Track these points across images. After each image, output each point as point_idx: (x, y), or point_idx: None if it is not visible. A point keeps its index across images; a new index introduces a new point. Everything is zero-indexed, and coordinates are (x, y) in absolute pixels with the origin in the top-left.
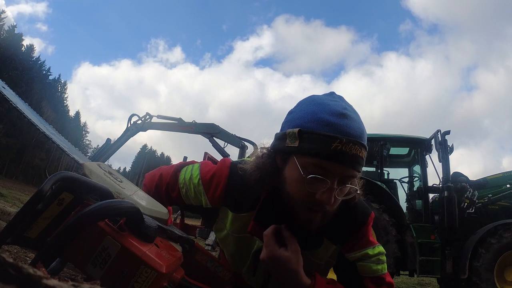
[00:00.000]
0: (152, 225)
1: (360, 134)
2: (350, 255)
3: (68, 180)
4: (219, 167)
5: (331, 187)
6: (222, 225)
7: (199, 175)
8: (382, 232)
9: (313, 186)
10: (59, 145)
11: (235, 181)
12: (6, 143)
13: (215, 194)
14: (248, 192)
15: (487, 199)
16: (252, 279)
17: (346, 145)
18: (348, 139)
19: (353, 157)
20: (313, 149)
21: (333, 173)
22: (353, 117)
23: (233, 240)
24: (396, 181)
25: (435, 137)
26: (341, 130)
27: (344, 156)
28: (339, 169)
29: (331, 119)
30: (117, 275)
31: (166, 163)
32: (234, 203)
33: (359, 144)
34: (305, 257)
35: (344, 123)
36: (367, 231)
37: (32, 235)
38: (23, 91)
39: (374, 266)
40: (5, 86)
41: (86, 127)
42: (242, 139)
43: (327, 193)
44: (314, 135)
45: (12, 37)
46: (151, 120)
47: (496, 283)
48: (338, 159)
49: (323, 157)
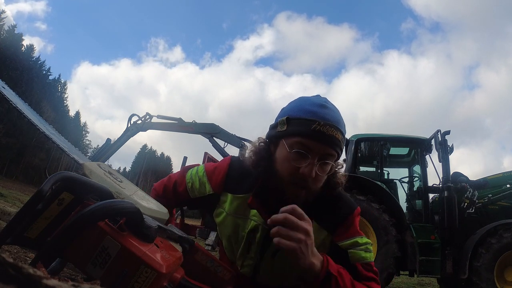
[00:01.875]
0: (152, 225)
1: (337, 120)
2: (341, 243)
3: (68, 180)
4: (221, 162)
5: (312, 162)
6: (222, 209)
7: (203, 169)
8: (382, 232)
9: (297, 161)
10: (59, 145)
11: (235, 168)
12: (6, 143)
13: (217, 180)
14: (246, 176)
15: (487, 199)
16: (244, 265)
17: (323, 126)
18: (325, 122)
19: (330, 137)
20: (297, 130)
21: (313, 150)
22: (331, 108)
23: (230, 221)
24: (396, 181)
25: (435, 137)
26: (320, 116)
27: (322, 135)
28: (318, 146)
29: (313, 108)
30: (117, 275)
31: (166, 163)
32: (234, 186)
33: (335, 128)
34: None
35: (323, 111)
36: (354, 221)
37: (32, 235)
38: (23, 91)
39: (363, 253)
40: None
41: (86, 127)
42: (242, 139)
43: (308, 167)
44: (299, 119)
45: (12, 37)
46: (151, 120)
47: (496, 283)
48: (317, 138)
49: (304, 135)
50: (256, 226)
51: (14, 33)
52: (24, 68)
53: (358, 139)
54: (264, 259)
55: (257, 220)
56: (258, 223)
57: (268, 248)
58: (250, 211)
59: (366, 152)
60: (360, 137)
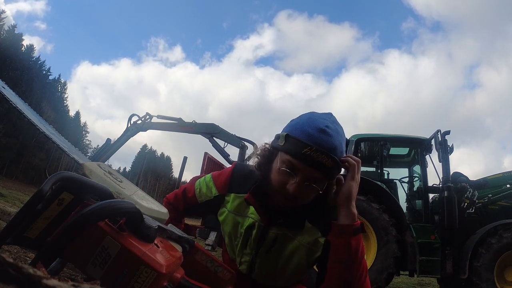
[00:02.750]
0: (152, 225)
1: (332, 148)
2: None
3: (68, 180)
4: (226, 168)
5: (297, 182)
6: (224, 208)
7: (211, 175)
8: (382, 232)
9: (284, 177)
10: (59, 145)
11: (238, 171)
12: (6, 143)
13: (222, 182)
14: (249, 177)
15: (487, 199)
16: (242, 262)
17: (314, 152)
18: (318, 148)
19: (318, 163)
20: (291, 150)
21: (300, 171)
22: (331, 134)
23: (231, 219)
24: (396, 181)
25: (435, 137)
26: (315, 141)
27: (311, 160)
28: (305, 168)
29: (312, 132)
30: (117, 275)
31: (166, 163)
32: (237, 187)
33: (326, 155)
34: (287, 237)
35: (320, 137)
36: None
37: (32, 235)
38: (23, 91)
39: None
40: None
41: (86, 127)
42: (242, 139)
43: (294, 185)
44: (295, 140)
45: (12, 37)
46: (151, 120)
47: (496, 283)
48: (305, 161)
49: (295, 157)
50: (253, 222)
51: (14, 33)
52: (24, 68)
53: (358, 139)
54: (259, 255)
55: (254, 217)
56: (255, 220)
57: (263, 244)
58: (249, 209)
59: (366, 152)
60: (360, 137)
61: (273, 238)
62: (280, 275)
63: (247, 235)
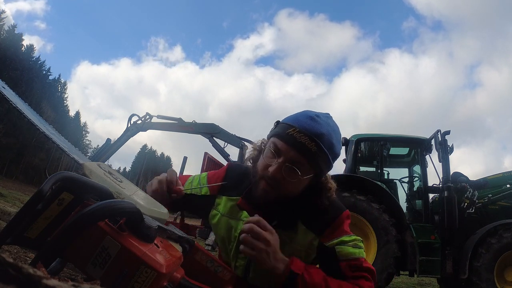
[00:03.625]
0: (152, 225)
1: (318, 133)
2: (328, 243)
3: (68, 180)
4: (221, 168)
5: (279, 162)
6: (216, 211)
7: (206, 174)
8: (382, 232)
9: (268, 159)
10: (59, 145)
11: (233, 171)
12: (6, 143)
13: (215, 183)
14: (243, 179)
15: (487, 199)
16: (237, 266)
17: (297, 133)
18: (301, 130)
19: (300, 144)
20: (277, 132)
21: (283, 152)
22: (320, 122)
23: (224, 223)
24: (396, 181)
25: (435, 137)
26: (300, 125)
27: (293, 140)
28: (287, 149)
29: (301, 118)
30: (117, 275)
31: (166, 163)
32: (230, 189)
33: (310, 138)
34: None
35: (307, 122)
36: (342, 222)
37: (32, 235)
38: (23, 91)
39: (351, 249)
40: (5, 86)
41: (86, 127)
42: (242, 139)
43: (275, 166)
44: (283, 124)
45: (12, 37)
46: (151, 120)
47: (496, 283)
48: (287, 141)
49: (278, 137)
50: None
51: (14, 33)
52: (24, 68)
53: (358, 139)
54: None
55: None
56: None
57: None
58: (242, 213)
59: (366, 152)
60: (360, 137)
61: None
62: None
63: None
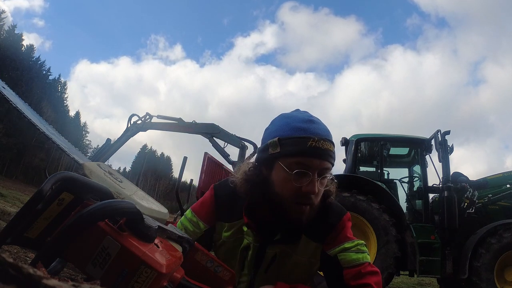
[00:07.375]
0: (152, 225)
1: (327, 134)
2: (330, 251)
3: (68, 180)
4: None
5: (313, 179)
6: (219, 236)
7: (190, 210)
8: (382, 232)
9: (299, 180)
10: (59, 145)
11: (220, 195)
12: (6, 143)
13: (207, 214)
14: (235, 201)
15: (487, 199)
16: (240, 281)
17: (318, 142)
18: (319, 137)
19: (326, 151)
20: (294, 150)
21: (313, 166)
22: (319, 122)
23: (229, 244)
24: (396, 181)
25: (435, 137)
26: (312, 132)
27: (319, 150)
28: (317, 162)
29: (302, 125)
30: (117, 275)
31: (166, 163)
32: (226, 214)
33: (328, 141)
34: (286, 254)
35: (313, 127)
36: (343, 228)
37: (32, 235)
38: (23, 91)
39: (354, 255)
40: (5, 86)
41: (86, 127)
42: (242, 139)
43: (311, 184)
44: (292, 139)
45: (12, 37)
46: (151, 120)
47: (496, 283)
48: (314, 154)
49: (302, 154)
50: (248, 244)
51: (14, 33)
52: (24, 68)
53: (358, 139)
54: (258, 275)
55: (249, 238)
56: (250, 242)
57: (261, 264)
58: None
59: (366, 152)
60: (360, 137)
61: (271, 256)
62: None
63: (243, 256)
